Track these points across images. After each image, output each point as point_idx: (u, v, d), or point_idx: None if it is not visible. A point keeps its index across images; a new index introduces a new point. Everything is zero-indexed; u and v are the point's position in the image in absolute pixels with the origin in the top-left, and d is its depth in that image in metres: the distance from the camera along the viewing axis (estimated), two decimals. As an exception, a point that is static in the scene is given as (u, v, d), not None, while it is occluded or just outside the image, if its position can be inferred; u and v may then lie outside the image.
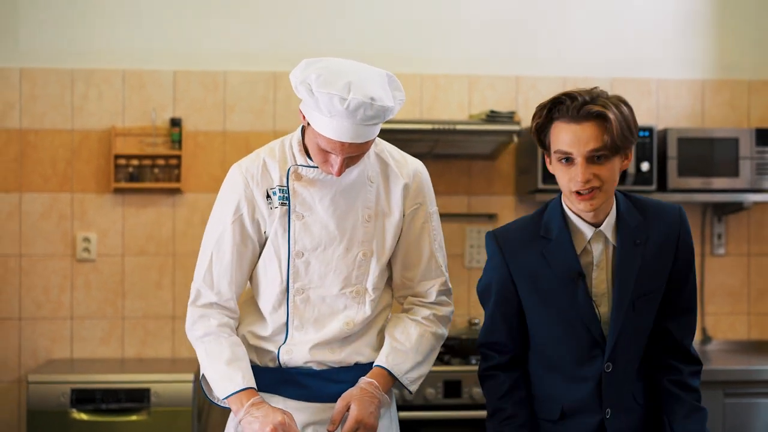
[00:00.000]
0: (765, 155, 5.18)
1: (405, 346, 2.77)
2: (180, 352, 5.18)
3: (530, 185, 5.06)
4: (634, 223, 2.75)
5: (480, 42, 5.37)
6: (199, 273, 2.82)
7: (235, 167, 2.83)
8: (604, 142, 2.61)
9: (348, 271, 2.77)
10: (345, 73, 2.56)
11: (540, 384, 2.83)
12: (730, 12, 5.56)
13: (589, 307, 2.71)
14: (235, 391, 2.65)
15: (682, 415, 2.77)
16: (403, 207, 2.82)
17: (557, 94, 2.70)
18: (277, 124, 5.24)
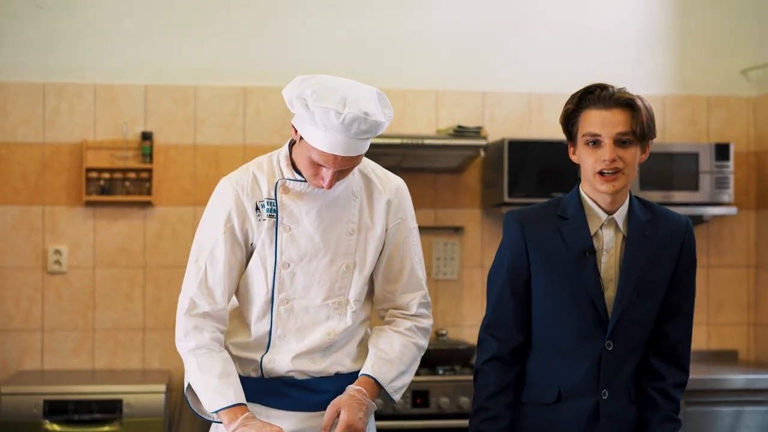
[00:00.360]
0: (724, 170, 5.32)
1: (389, 356, 2.86)
2: (150, 363, 5.24)
3: (496, 198, 5.16)
4: (645, 218, 2.92)
5: (447, 58, 5.48)
6: (192, 283, 2.85)
7: (224, 180, 2.90)
8: (632, 127, 2.81)
9: (331, 283, 2.85)
10: (340, 89, 2.65)
11: (539, 369, 2.95)
12: (690, 30, 5.70)
13: (597, 283, 2.86)
14: (227, 405, 2.71)
15: (656, 422, 2.92)
16: (385, 222, 2.91)
17: (588, 85, 2.90)
18: (247, 138, 5.32)
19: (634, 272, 2.87)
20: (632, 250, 2.89)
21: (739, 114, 5.71)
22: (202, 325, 2.83)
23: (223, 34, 5.34)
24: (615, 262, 2.90)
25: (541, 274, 2.93)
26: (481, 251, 5.47)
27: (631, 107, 2.82)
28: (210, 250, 2.83)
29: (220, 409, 2.73)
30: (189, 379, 2.83)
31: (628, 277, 2.87)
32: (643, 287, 2.89)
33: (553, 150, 5.10)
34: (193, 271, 2.85)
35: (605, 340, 2.87)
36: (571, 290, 2.89)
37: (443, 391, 4.77)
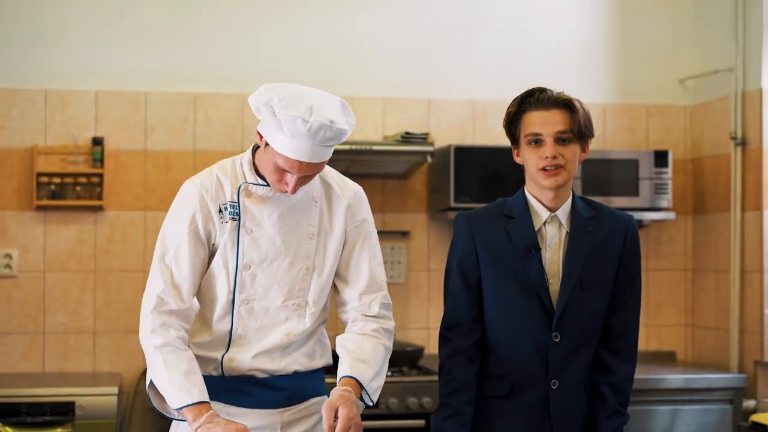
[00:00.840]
0: (662, 176, 5.48)
1: (363, 357, 2.91)
2: (101, 366, 5.28)
3: (442, 203, 5.28)
4: (588, 215, 3.07)
5: (394, 66, 5.59)
6: (158, 281, 2.89)
7: (189, 183, 2.96)
8: (570, 125, 2.97)
9: (291, 285, 2.93)
10: (306, 98, 2.74)
11: (492, 362, 3.07)
12: (629, 42, 5.86)
13: (542, 278, 3.00)
14: (191, 403, 2.76)
15: (604, 417, 3.04)
16: (344, 226, 2.99)
17: (529, 89, 3.06)
18: (197, 144, 5.39)
19: (576, 266, 3.01)
20: (574, 246, 3.03)
21: (677, 122, 5.89)
22: (168, 322, 2.87)
23: (173, 41, 5.40)
24: (559, 257, 3.04)
25: (491, 271, 3.06)
26: (428, 255, 5.59)
27: (569, 108, 3.00)
28: (175, 250, 2.89)
29: (184, 406, 2.77)
30: (153, 377, 2.87)
31: (570, 269, 3.01)
32: (587, 281, 3.02)
33: (497, 156, 5.22)
34: (159, 270, 2.90)
35: (552, 332, 3.00)
36: (519, 285, 3.02)
37: (392, 392, 4.87)
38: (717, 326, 5.63)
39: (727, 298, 5.54)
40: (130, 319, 5.29)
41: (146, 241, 5.32)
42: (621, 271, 3.09)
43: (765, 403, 5.17)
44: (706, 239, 5.75)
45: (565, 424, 3.04)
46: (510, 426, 3.06)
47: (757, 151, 5.34)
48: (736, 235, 5.45)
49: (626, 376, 3.10)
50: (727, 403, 5.19)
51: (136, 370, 5.28)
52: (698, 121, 5.84)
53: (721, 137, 5.61)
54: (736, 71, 5.47)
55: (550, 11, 5.80)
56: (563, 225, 3.05)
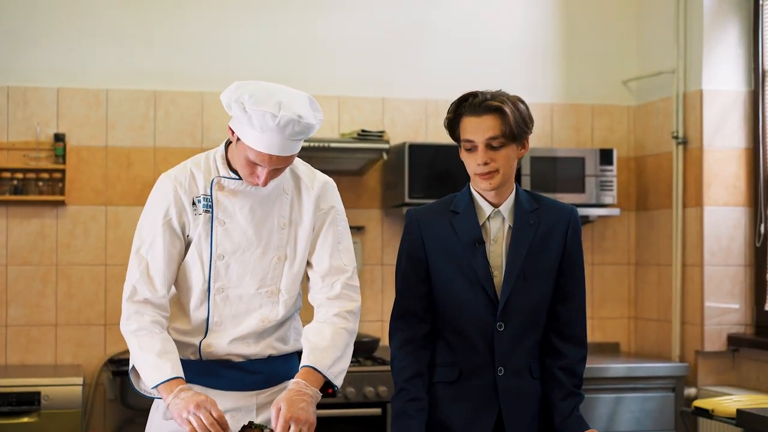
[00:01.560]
0: (607, 173, 5.70)
1: (322, 345, 3.03)
2: (62, 358, 5.38)
3: (397, 199, 5.45)
4: (530, 209, 3.19)
5: (349, 65, 5.75)
6: (134, 273, 3.03)
7: (164, 176, 3.09)
8: (501, 131, 3.06)
9: (264, 273, 3.07)
10: (275, 94, 2.88)
11: (442, 350, 3.20)
12: (575, 44, 6.08)
13: (486, 270, 3.13)
14: (164, 380, 2.89)
15: (560, 397, 3.19)
16: (313, 215, 3.14)
17: (465, 93, 3.14)
18: (157, 140, 5.51)
19: (519, 258, 3.14)
20: (517, 239, 3.16)
21: (621, 122, 6.12)
22: (142, 310, 3.01)
23: (133, 39, 5.51)
24: (502, 250, 3.17)
25: (438, 264, 3.19)
26: (381, 249, 5.76)
27: (500, 112, 3.07)
28: (150, 242, 3.02)
29: (158, 384, 2.90)
30: (132, 360, 3.02)
31: (513, 260, 3.14)
32: (530, 272, 3.15)
33: (450, 153, 5.36)
34: (135, 261, 3.03)
35: (497, 322, 3.14)
36: (465, 277, 3.15)
37: (349, 381, 5.02)
38: (659, 318, 5.87)
39: (668, 291, 5.78)
40: (91, 312, 5.41)
41: (107, 235, 5.43)
42: (565, 261, 3.22)
43: (705, 390, 5.41)
44: (648, 234, 5.98)
45: (514, 407, 3.16)
46: (458, 409, 3.18)
47: (697, 150, 5.58)
48: (677, 230, 5.68)
49: (578, 359, 3.24)
50: (669, 390, 5.42)
51: (98, 362, 5.39)
52: (641, 121, 6.07)
53: (663, 136, 5.84)
54: (678, 73, 5.70)
55: (498, 14, 5.99)
56: (506, 219, 3.18)
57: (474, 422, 3.17)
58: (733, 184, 5.56)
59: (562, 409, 3.19)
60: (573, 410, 3.19)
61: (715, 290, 5.54)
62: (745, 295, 5.56)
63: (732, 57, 5.59)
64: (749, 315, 5.56)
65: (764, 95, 5.53)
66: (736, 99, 5.58)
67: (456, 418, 3.18)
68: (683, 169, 5.68)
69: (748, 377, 5.46)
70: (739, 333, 5.54)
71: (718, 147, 5.57)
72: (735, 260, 5.56)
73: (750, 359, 5.46)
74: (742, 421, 3.92)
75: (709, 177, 5.55)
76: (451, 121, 3.16)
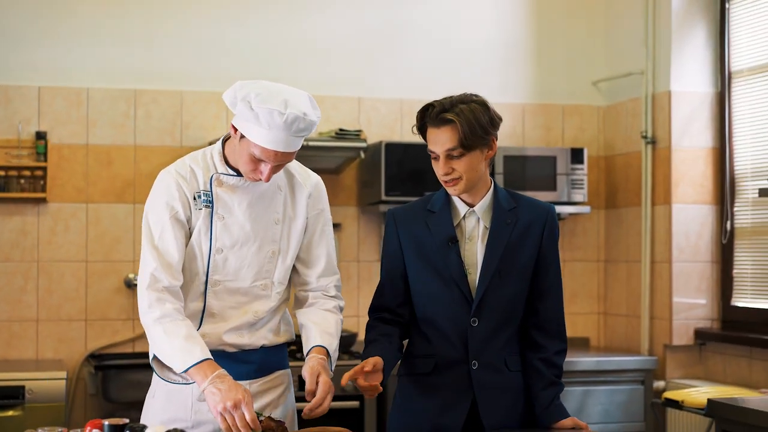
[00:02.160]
0: (578, 172, 5.84)
1: (329, 330, 3.20)
2: (44, 353, 5.46)
3: (374, 197, 5.56)
4: (508, 207, 3.28)
5: (325, 65, 5.86)
6: (150, 263, 3.10)
7: (164, 172, 3.18)
8: (458, 141, 3.14)
9: (259, 267, 3.18)
10: (280, 92, 2.99)
11: (418, 343, 3.31)
12: (546, 46, 6.23)
13: (460, 268, 3.23)
14: (194, 362, 2.96)
15: (540, 388, 3.32)
16: (306, 213, 3.26)
17: (426, 103, 3.23)
18: (138, 138, 5.59)
19: (495, 257, 3.23)
20: (494, 237, 3.25)
21: (590, 122, 6.26)
22: (164, 297, 3.08)
23: (114, 39, 5.59)
24: (477, 248, 3.26)
25: (414, 261, 3.30)
26: (358, 246, 5.87)
27: (453, 123, 3.14)
28: (160, 234, 3.11)
29: (189, 367, 2.97)
30: (155, 348, 3.09)
31: (489, 258, 3.23)
32: (505, 270, 3.24)
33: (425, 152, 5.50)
34: (150, 252, 3.11)
35: (470, 318, 3.24)
36: (439, 275, 3.25)
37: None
38: (628, 313, 6.02)
39: (637, 287, 5.93)
40: (71, 308, 5.49)
41: (88, 232, 5.51)
42: (541, 258, 3.31)
43: (673, 383, 5.56)
44: (617, 232, 6.13)
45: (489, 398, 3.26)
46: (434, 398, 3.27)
47: (666, 150, 5.73)
48: (646, 227, 5.83)
49: (557, 350, 3.38)
50: (639, 383, 5.57)
51: (78, 357, 5.47)
52: (610, 121, 6.22)
53: (632, 136, 5.99)
54: (647, 74, 5.86)
55: (472, 16, 6.13)
56: (481, 219, 3.27)
57: (447, 411, 3.26)
58: (700, 182, 5.72)
59: (542, 399, 3.31)
60: (553, 399, 3.32)
61: (682, 286, 5.69)
62: (711, 290, 5.72)
63: (699, 59, 5.75)
64: (716, 310, 5.72)
65: (730, 96, 5.69)
66: (704, 100, 5.74)
67: (430, 408, 3.27)
68: (652, 168, 5.83)
69: (715, 370, 5.62)
70: (706, 327, 5.70)
71: (685, 147, 5.72)
72: (702, 257, 5.72)
73: (717, 353, 5.62)
74: (712, 410, 4.05)
75: (677, 176, 5.70)
76: (419, 129, 3.25)
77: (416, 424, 3.28)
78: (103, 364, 5.26)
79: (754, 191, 5.50)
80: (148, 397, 3.24)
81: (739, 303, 5.63)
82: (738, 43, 5.67)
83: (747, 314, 5.54)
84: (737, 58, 5.67)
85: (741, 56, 5.65)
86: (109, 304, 5.56)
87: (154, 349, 3.13)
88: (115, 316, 5.56)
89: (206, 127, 5.67)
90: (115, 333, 5.56)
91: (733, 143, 5.68)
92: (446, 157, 3.16)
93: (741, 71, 5.64)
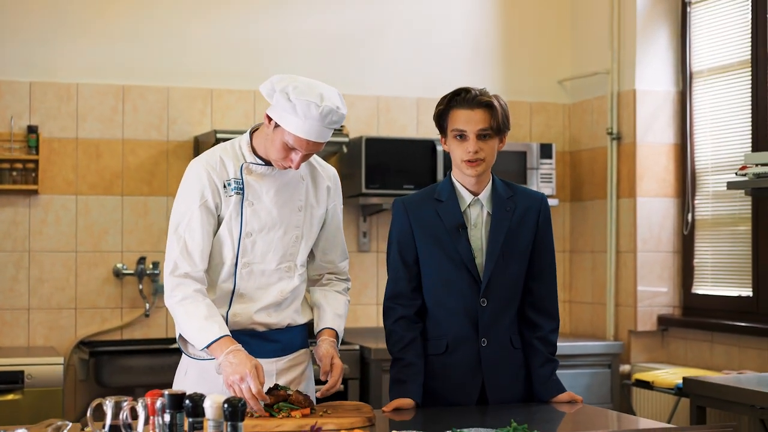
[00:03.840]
0: (547, 166, 6.12)
1: (339, 312, 3.50)
2: (35, 341, 5.62)
3: (354, 189, 5.80)
4: (506, 196, 3.56)
5: (305, 61, 6.06)
6: (174, 249, 3.33)
7: (195, 162, 3.40)
8: (491, 123, 3.44)
9: (284, 250, 3.41)
10: (315, 87, 3.23)
11: (430, 325, 3.56)
12: (515, 45, 6.51)
13: (469, 252, 3.50)
14: (213, 339, 3.21)
15: (539, 364, 3.59)
16: (326, 203, 3.52)
17: (456, 89, 3.50)
18: (126, 133, 5.77)
19: (498, 241, 3.51)
20: (496, 223, 3.52)
21: (557, 119, 6.56)
22: (185, 282, 3.30)
23: (102, 36, 5.77)
24: (482, 234, 3.53)
25: (425, 247, 3.55)
26: (337, 237, 6.10)
27: (490, 107, 3.46)
28: (188, 222, 3.33)
29: (208, 345, 3.22)
30: (179, 328, 3.34)
31: (493, 243, 3.50)
32: (508, 253, 3.52)
33: (403, 146, 5.80)
34: (174, 240, 3.34)
35: (480, 298, 3.51)
36: (450, 259, 3.51)
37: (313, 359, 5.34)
38: (593, 301, 6.32)
39: (602, 276, 6.23)
40: (62, 297, 5.66)
41: (77, 223, 5.69)
42: (537, 242, 3.60)
43: (638, 366, 5.87)
44: (582, 224, 6.43)
45: (495, 375, 3.54)
46: (448, 377, 3.54)
47: (631, 145, 6.04)
48: (612, 219, 6.13)
49: (552, 329, 3.65)
50: (605, 367, 5.87)
51: (69, 344, 5.65)
52: (576, 118, 6.51)
53: (597, 132, 6.29)
54: (612, 74, 6.16)
55: (445, 17, 6.39)
56: (484, 206, 3.55)
57: (461, 389, 3.54)
58: (663, 177, 6.03)
59: (541, 375, 3.58)
60: (551, 375, 3.59)
61: (646, 275, 6.01)
62: (673, 279, 6.04)
63: (662, 59, 6.06)
64: (677, 297, 6.04)
65: (692, 95, 6.01)
66: (666, 98, 6.05)
67: (445, 387, 3.54)
68: (617, 163, 6.14)
69: (677, 354, 5.94)
70: (669, 314, 6.01)
71: (649, 143, 6.03)
72: (665, 247, 6.03)
73: (678, 338, 5.93)
74: (687, 388, 4.34)
75: (642, 170, 6.01)
76: (442, 111, 3.50)
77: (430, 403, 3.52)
78: (96, 350, 5.44)
79: (714, 185, 5.83)
80: (179, 375, 3.46)
81: (699, 291, 5.96)
82: (699, 45, 5.99)
83: (707, 301, 5.87)
84: (698, 59, 5.99)
85: (702, 57, 5.97)
86: (98, 293, 5.74)
87: (179, 329, 3.36)
88: (104, 304, 5.74)
89: (192, 122, 5.86)
90: (104, 321, 5.74)
91: (694, 139, 6.00)
92: (477, 137, 3.43)
93: (702, 71, 5.96)
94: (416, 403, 3.47)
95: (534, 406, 3.56)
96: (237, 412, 2.55)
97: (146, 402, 2.55)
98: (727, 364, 5.54)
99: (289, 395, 3.18)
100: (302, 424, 3.02)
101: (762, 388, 4.07)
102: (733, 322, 5.55)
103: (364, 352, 5.49)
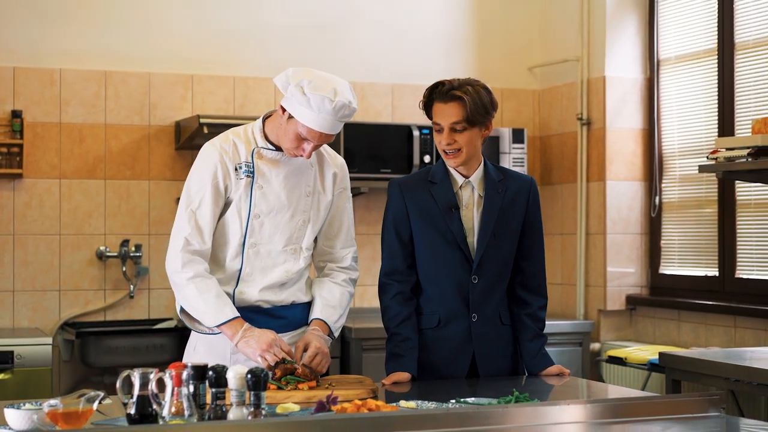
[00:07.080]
0: (519, 151, 6.30)
1: (332, 303, 3.62)
2: (20, 322, 5.71)
3: (333, 174, 5.94)
4: (497, 178, 3.72)
5: (282, 48, 6.19)
6: (184, 227, 3.46)
7: (209, 145, 3.54)
8: (463, 116, 3.55)
9: (291, 233, 3.56)
10: (329, 81, 3.38)
11: (423, 301, 3.72)
12: (486, 33, 6.67)
13: (461, 232, 3.65)
14: (226, 320, 3.38)
15: (528, 338, 3.75)
16: (333, 190, 3.65)
17: (436, 81, 3.64)
18: (108, 118, 5.87)
19: (490, 221, 3.67)
20: (488, 204, 3.68)
21: (527, 104, 6.73)
22: (195, 259, 3.45)
23: (85, 22, 5.86)
24: (473, 215, 3.69)
25: (420, 226, 3.70)
26: (315, 220, 6.23)
27: (461, 100, 3.57)
28: (199, 201, 3.46)
29: (221, 324, 3.39)
30: (186, 303, 3.46)
31: (485, 223, 3.66)
32: (499, 232, 3.68)
33: (379, 131, 5.96)
34: (185, 217, 3.47)
35: (471, 276, 3.68)
36: (443, 238, 3.67)
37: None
38: (563, 282, 6.51)
39: (572, 257, 6.42)
40: (46, 279, 5.76)
41: (61, 206, 5.78)
42: (527, 223, 3.76)
43: (608, 344, 6.08)
44: (552, 206, 6.61)
45: (485, 349, 3.70)
46: (440, 350, 3.70)
47: (600, 130, 6.23)
48: (582, 202, 6.33)
49: (540, 306, 3.80)
50: (576, 345, 6.06)
51: (53, 325, 5.75)
52: (545, 104, 6.70)
53: (567, 118, 6.48)
54: (582, 61, 6.34)
55: (418, 4, 6.54)
56: (475, 188, 3.70)
57: (452, 361, 3.70)
58: (631, 161, 6.23)
59: (530, 349, 3.75)
60: (540, 349, 3.76)
61: (615, 256, 6.21)
62: (641, 259, 6.25)
63: (631, 47, 6.25)
64: (645, 278, 6.25)
65: (659, 82, 6.21)
66: (634, 85, 6.25)
67: (437, 360, 3.70)
68: (587, 148, 6.33)
69: (645, 332, 6.15)
70: (636, 294, 6.22)
71: (618, 128, 6.23)
72: (633, 229, 6.23)
73: (646, 317, 6.15)
74: (664, 362, 4.52)
75: (611, 154, 6.20)
76: (426, 104, 3.66)
77: (423, 376, 3.68)
78: (82, 330, 5.54)
79: (681, 169, 6.04)
80: (189, 350, 3.60)
81: (666, 271, 6.17)
82: (666, 33, 6.19)
83: (674, 281, 6.08)
84: (666, 47, 6.19)
85: (669, 45, 6.17)
86: (82, 275, 5.84)
87: (185, 304, 3.49)
88: (87, 286, 5.84)
89: (173, 107, 5.97)
90: (87, 302, 5.84)
91: (662, 125, 6.20)
92: (450, 130, 3.57)
93: (669, 59, 6.16)
94: (412, 376, 3.62)
95: (525, 379, 3.73)
96: (260, 382, 2.70)
97: (172, 373, 2.67)
98: (694, 341, 5.76)
99: (296, 369, 3.32)
100: (310, 396, 3.16)
101: (733, 362, 4.27)
102: (699, 300, 5.77)
103: (344, 331, 5.62)
